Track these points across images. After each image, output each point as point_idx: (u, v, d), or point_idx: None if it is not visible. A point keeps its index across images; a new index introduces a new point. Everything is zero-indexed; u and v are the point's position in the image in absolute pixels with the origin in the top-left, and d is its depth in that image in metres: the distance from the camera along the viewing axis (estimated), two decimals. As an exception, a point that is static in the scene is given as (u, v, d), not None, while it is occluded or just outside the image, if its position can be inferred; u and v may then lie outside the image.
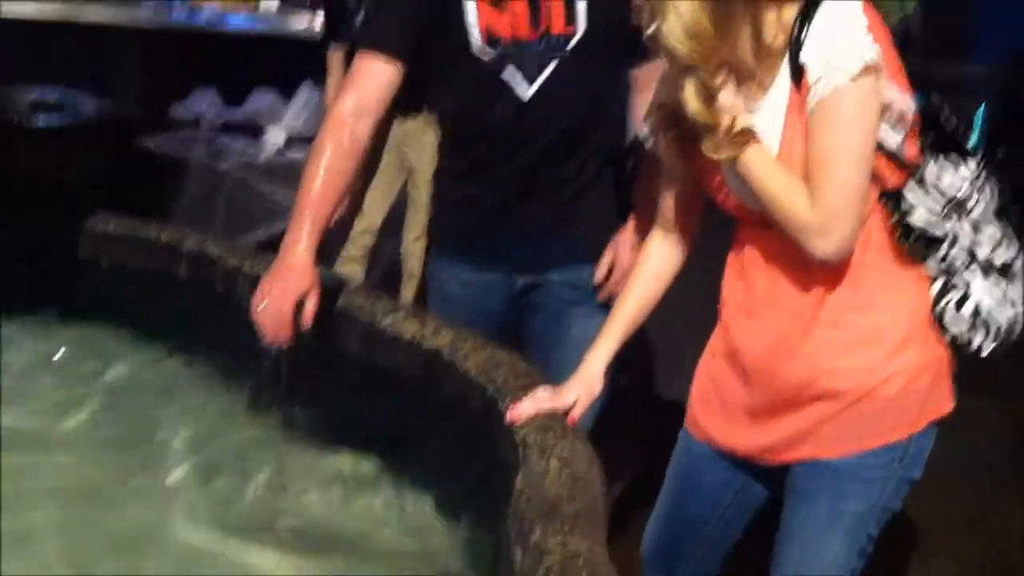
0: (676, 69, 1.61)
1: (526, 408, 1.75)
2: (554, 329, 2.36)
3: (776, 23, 1.60)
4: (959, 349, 1.69)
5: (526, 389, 1.87)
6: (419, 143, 3.56)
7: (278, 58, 5.75)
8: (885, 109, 1.59)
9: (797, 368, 1.73)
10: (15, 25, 5.59)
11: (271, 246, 3.28)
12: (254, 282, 2.39)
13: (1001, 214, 1.69)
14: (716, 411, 1.89)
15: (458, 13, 2.13)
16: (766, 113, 1.64)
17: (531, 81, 2.17)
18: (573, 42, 2.14)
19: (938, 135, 1.68)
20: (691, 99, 1.60)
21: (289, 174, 3.84)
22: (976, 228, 1.66)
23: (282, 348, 2.03)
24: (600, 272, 2.33)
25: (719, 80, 1.61)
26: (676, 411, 2.05)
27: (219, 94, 4.96)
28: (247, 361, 2.17)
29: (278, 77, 4.79)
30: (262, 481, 2.02)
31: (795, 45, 1.58)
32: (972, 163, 1.66)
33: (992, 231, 1.66)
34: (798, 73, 1.58)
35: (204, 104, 4.86)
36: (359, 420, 2.22)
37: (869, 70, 1.53)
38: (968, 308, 1.65)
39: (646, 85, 2.22)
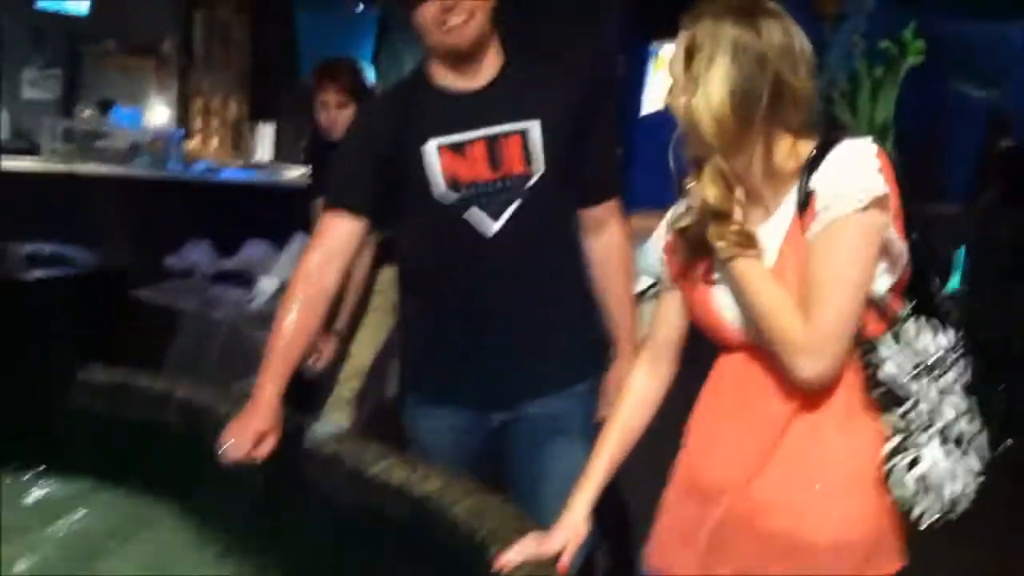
0: (699, 149, 1.67)
1: (513, 557, 1.74)
2: (537, 464, 2.37)
3: (789, 149, 1.67)
4: (903, 510, 1.65)
5: (518, 533, 1.89)
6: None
7: (270, 209, 5.89)
8: (884, 249, 1.63)
9: (741, 501, 1.72)
10: (12, 179, 5.72)
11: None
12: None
13: (969, 390, 1.68)
14: (674, 539, 1.86)
15: (419, 163, 2.24)
16: (766, 235, 1.68)
17: (494, 218, 2.26)
18: (532, 181, 2.24)
19: (923, 298, 1.70)
20: (709, 184, 1.65)
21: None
22: (942, 395, 1.64)
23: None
24: (601, 407, 2.38)
25: (729, 171, 1.66)
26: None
27: (212, 245, 5.06)
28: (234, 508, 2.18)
29: (270, 227, 4.88)
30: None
31: (807, 172, 1.63)
32: (951, 333, 1.67)
33: (957, 401, 1.65)
34: (806, 198, 1.63)
35: (198, 255, 4.95)
36: (348, 566, 2.21)
37: (877, 203, 1.58)
38: (916, 472, 1.62)
39: (598, 224, 2.33)
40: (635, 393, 1.92)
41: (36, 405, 2.74)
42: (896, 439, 1.63)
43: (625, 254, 2.42)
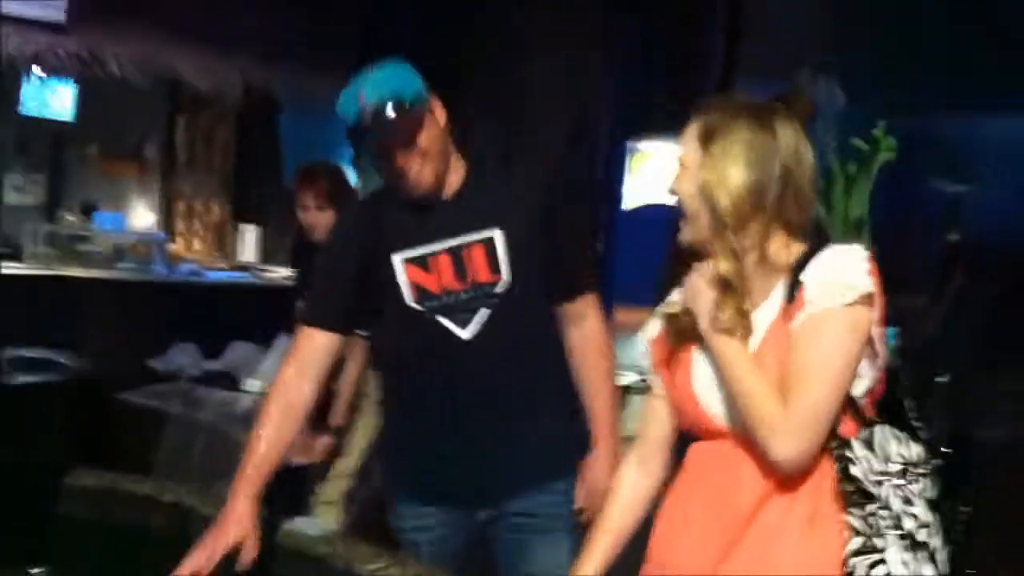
0: (715, 229, 1.73)
1: None
2: (524, 562, 2.40)
3: (783, 245, 1.74)
4: None
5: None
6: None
7: (255, 310, 5.91)
8: (867, 345, 1.68)
9: None
10: (-3, 283, 5.73)
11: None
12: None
13: (933, 506, 1.71)
14: None
15: (390, 275, 2.32)
16: (753, 323, 1.75)
17: (462, 326, 2.31)
18: (500, 288, 2.29)
19: (895, 410, 1.76)
20: (723, 259, 1.72)
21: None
22: (907, 502, 1.68)
23: None
24: (579, 500, 2.38)
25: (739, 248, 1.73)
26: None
27: (197, 347, 5.07)
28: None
29: (255, 328, 4.90)
30: None
31: (798, 267, 1.71)
32: (918, 448, 1.72)
33: (922, 511, 1.69)
34: (793, 289, 1.70)
35: (182, 357, 4.96)
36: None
37: (864, 300, 1.65)
38: (879, 572, 1.65)
39: (576, 316, 2.38)
40: (625, 494, 1.95)
41: (22, 510, 2.73)
42: (858, 540, 1.67)
43: (604, 344, 2.44)
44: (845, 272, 1.67)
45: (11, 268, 6.16)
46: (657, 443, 1.94)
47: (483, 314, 2.31)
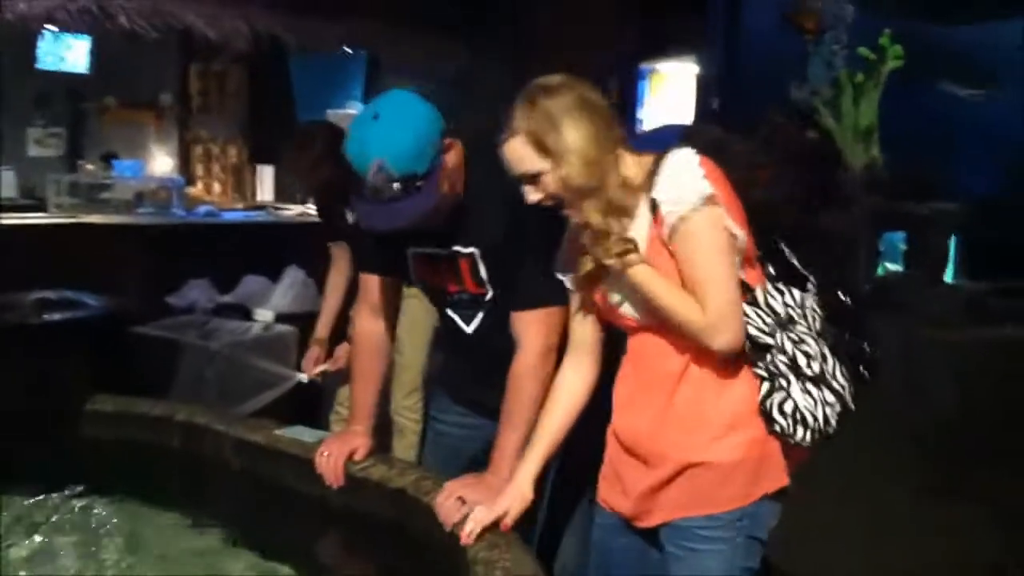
0: (579, 196, 1.94)
1: (471, 527, 2.04)
2: None
3: (634, 163, 1.99)
4: (785, 438, 1.98)
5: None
6: (404, 317, 3.83)
7: (268, 245, 6.11)
8: (731, 237, 1.93)
9: (648, 444, 2.05)
10: (22, 232, 5.96)
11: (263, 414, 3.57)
12: (237, 444, 2.71)
13: (819, 336, 2.02)
14: (612, 482, 2.16)
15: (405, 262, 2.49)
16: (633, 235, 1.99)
17: (467, 322, 2.48)
18: (487, 299, 2.42)
19: (779, 267, 2.07)
20: (592, 214, 1.93)
21: (277, 348, 4.13)
22: (799, 342, 1.98)
23: None
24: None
25: (608, 196, 1.94)
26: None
27: (211, 281, 5.27)
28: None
29: (267, 263, 5.09)
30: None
31: (650, 186, 1.95)
32: (797, 293, 2.03)
33: (812, 346, 1.99)
34: (654, 207, 1.94)
35: (197, 292, 5.16)
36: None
37: (708, 200, 1.90)
38: (788, 407, 1.96)
39: (518, 336, 2.37)
40: (563, 397, 2.20)
41: (53, 434, 2.96)
42: (767, 385, 1.98)
43: (530, 371, 2.29)
44: (684, 180, 1.92)
45: (36, 218, 6.39)
46: (587, 348, 2.18)
47: (481, 315, 2.46)
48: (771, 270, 2.06)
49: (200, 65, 9.18)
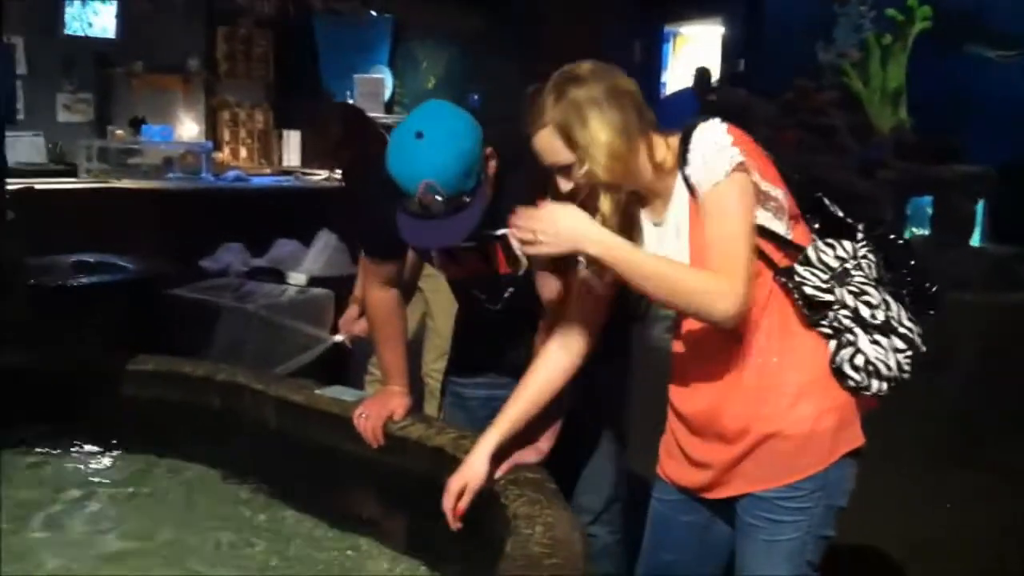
0: (605, 191, 1.94)
1: (448, 503, 2.10)
2: None
3: (664, 146, 1.96)
4: (860, 392, 1.97)
5: (514, 474, 2.16)
6: (435, 283, 3.86)
7: (298, 210, 6.16)
8: (764, 199, 1.92)
9: (722, 421, 2.02)
10: (54, 197, 6.03)
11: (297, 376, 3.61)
12: (277, 404, 2.77)
13: (878, 283, 1.99)
14: (675, 456, 2.16)
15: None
16: (670, 222, 1.99)
17: (494, 301, 2.50)
18: (519, 275, 2.43)
19: (824, 221, 2.04)
20: (605, 205, 1.93)
21: (312, 310, 4.18)
22: (859, 294, 1.96)
23: None
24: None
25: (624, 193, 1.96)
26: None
27: (245, 246, 5.32)
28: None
29: (298, 227, 5.13)
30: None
31: (682, 164, 1.93)
32: (848, 244, 1.99)
33: (873, 295, 1.96)
34: (691, 187, 1.93)
35: (231, 255, 5.21)
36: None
37: (738, 168, 1.87)
38: (860, 360, 1.94)
39: None
40: (545, 369, 2.17)
41: (92, 393, 3.03)
42: (833, 343, 1.96)
43: None
44: (713, 151, 1.89)
45: (68, 183, 6.46)
46: (581, 331, 2.15)
47: (508, 292, 2.48)
48: (817, 226, 2.04)
49: (226, 30, 9.21)
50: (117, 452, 2.91)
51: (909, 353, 1.96)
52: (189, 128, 8.83)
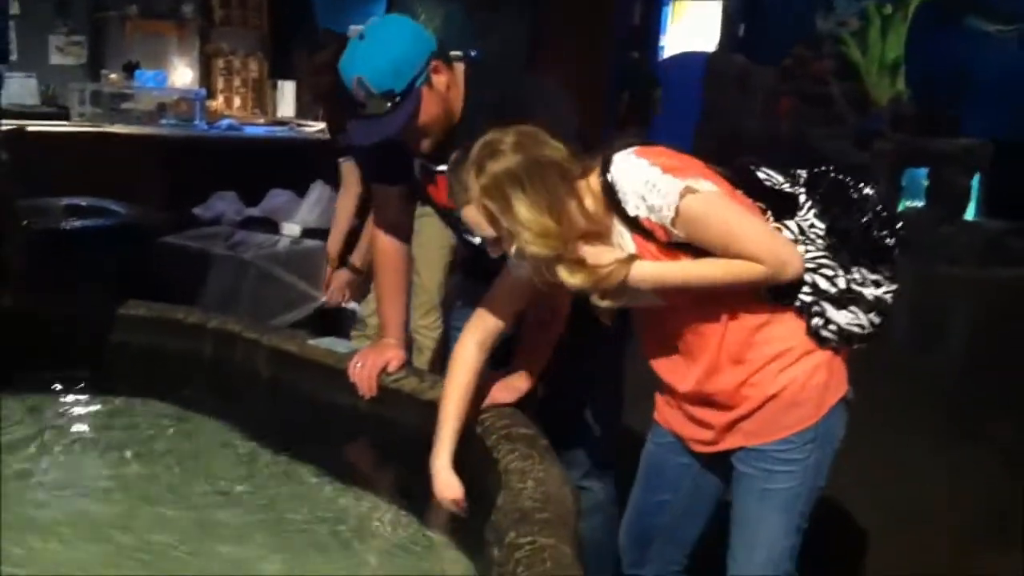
0: (545, 266, 1.93)
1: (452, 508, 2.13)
2: None
3: (588, 190, 1.95)
4: (840, 346, 2.04)
5: (508, 430, 2.17)
6: (418, 237, 3.87)
7: (292, 162, 6.12)
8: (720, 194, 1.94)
9: (717, 392, 2.08)
10: (46, 140, 5.99)
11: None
12: (270, 353, 2.76)
13: (831, 248, 2.02)
14: (673, 406, 2.20)
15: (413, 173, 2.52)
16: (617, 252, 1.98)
17: (471, 234, 2.49)
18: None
19: (764, 199, 2.06)
20: (568, 278, 1.92)
21: (306, 263, 4.17)
22: (813, 270, 2.00)
23: None
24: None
25: (578, 252, 1.93)
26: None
27: (238, 196, 5.30)
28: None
29: (292, 178, 5.11)
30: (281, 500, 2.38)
31: (617, 209, 1.93)
32: (792, 223, 2.03)
33: (826, 268, 2.00)
34: (636, 224, 1.93)
35: (224, 204, 5.19)
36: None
37: (685, 191, 1.87)
38: (833, 328, 2.02)
39: None
40: (463, 376, 2.20)
41: (84, 337, 3.02)
42: (806, 313, 2.02)
43: None
44: (650, 189, 1.88)
45: (61, 126, 6.41)
46: (497, 328, 2.19)
47: None
48: (762, 205, 2.05)
49: (221, -25, 9.11)
50: (107, 396, 2.91)
51: (880, 307, 2.02)
52: (183, 74, 8.75)
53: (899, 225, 2.05)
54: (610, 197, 1.93)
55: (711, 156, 2.08)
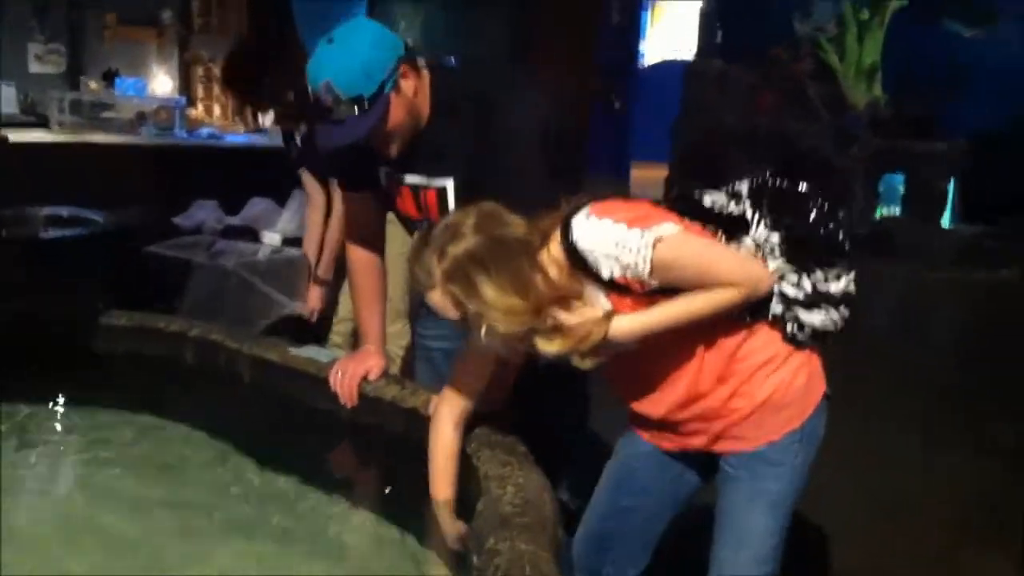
0: (518, 340, 1.95)
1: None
2: None
3: (551, 260, 1.95)
4: (816, 345, 2.10)
5: (487, 436, 2.20)
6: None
7: (272, 170, 6.11)
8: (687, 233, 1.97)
9: (704, 411, 2.10)
10: (25, 150, 5.98)
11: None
12: (251, 361, 2.78)
13: (790, 258, 2.04)
14: (651, 429, 2.22)
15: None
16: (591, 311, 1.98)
17: None
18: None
19: (721, 226, 2.08)
20: (546, 346, 1.94)
21: (288, 272, 4.17)
22: (780, 279, 2.03)
23: None
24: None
25: (551, 320, 1.93)
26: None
27: (218, 204, 5.30)
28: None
29: (272, 187, 5.11)
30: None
31: (588, 271, 1.92)
32: (747, 239, 2.05)
33: (788, 276, 2.04)
34: (610, 283, 1.93)
35: (204, 213, 5.19)
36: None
37: (654, 242, 1.87)
38: (807, 331, 2.06)
39: None
40: (445, 456, 2.21)
41: (64, 347, 3.03)
42: (779, 326, 2.06)
43: None
44: (619, 248, 1.88)
45: (40, 134, 6.41)
46: (470, 403, 2.21)
47: None
48: (712, 227, 2.07)
49: (201, -17, 9.10)
50: (89, 407, 2.92)
51: (847, 299, 2.07)
52: (163, 83, 8.73)
53: (843, 215, 2.08)
54: (577, 263, 1.93)
55: (688, 152, 2.10)
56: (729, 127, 8.15)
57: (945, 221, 8.27)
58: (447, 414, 2.22)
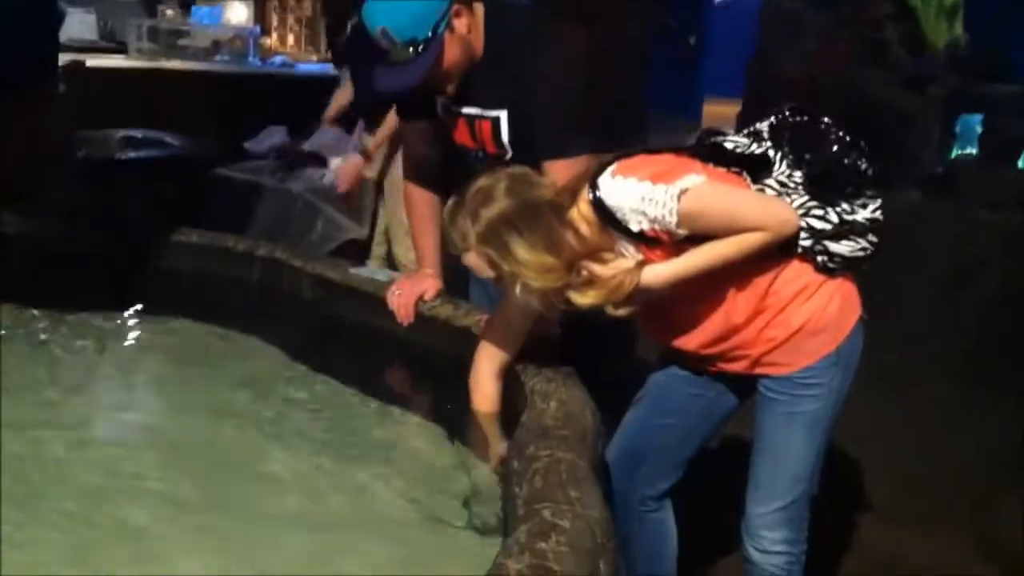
0: (554, 295, 2.01)
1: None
2: None
3: (581, 218, 2.02)
4: (848, 271, 2.14)
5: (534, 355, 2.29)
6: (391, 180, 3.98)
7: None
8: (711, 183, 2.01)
9: (739, 344, 2.17)
10: (104, 75, 6.12)
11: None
12: (314, 280, 2.90)
13: (814, 193, 2.09)
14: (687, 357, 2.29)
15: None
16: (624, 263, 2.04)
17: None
18: (507, 159, 2.47)
19: (745, 167, 2.13)
20: (580, 299, 2.01)
21: (352, 196, 4.30)
22: (804, 215, 2.08)
23: None
24: None
25: (584, 274, 2.01)
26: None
27: (288, 131, 5.40)
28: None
29: (340, 116, 5.19)
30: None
31: (618, 226, 1.99)
32: (771, 180, 2.10)
33: (815, 209, 2.08)
34: (640, 236, 2.00)
35: (274, 139, 5.30)
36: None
37: (679, 195, 1.94)
38: (837, 260, 2.11)
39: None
40: (490, 403, 2.30)
41: (139, 262, 3.17)
42: (810, 258, 2.11)
43: None
44: (645, 205, 1.95)
45: (118, 61, 6.55)
46: (509, 354, 2.27)
47: None
48: (736, 170, 2.12)
49: (276, -87, 9.14)
50: (157, 319, 3.06)
51: (875, 226, 2.10)
52: (238, 11, 8.82)
53: (864, 145, 2.11)
54: (606, 219, 1.99)
55: (760, 97, 2.14)
56: (796, 76, 8.07)
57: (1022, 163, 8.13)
58: (487, 368, 2.30)
